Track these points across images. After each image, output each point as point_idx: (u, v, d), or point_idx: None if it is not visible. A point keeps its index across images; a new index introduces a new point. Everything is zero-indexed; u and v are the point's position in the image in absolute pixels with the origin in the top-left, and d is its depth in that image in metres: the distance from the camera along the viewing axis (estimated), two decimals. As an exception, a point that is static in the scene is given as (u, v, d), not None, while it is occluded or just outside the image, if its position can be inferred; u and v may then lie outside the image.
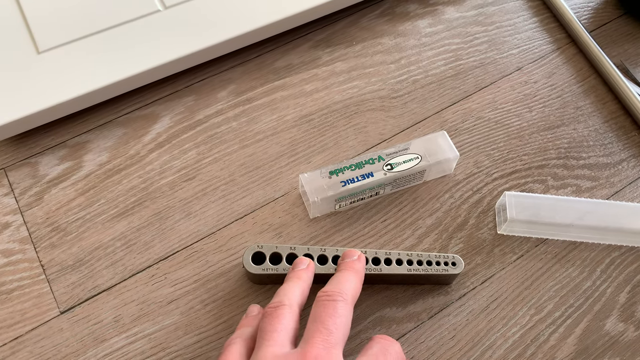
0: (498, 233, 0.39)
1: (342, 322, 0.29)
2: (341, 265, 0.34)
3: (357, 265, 0.34)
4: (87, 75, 0.42)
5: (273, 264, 0.35)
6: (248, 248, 0.35)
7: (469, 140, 0.43)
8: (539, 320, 0.37)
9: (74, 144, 0.42)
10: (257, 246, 0.36)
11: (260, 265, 0.35)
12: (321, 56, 0.47)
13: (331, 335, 0.28)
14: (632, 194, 0.42)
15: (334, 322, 0.29)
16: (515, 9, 0.51)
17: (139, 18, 0.45)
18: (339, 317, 0.29)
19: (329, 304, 0.30)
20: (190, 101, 0.44)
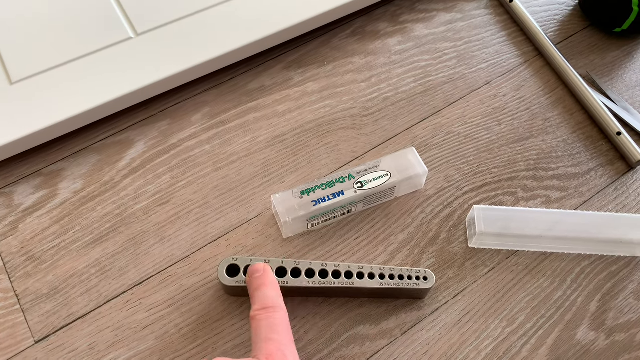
0: (469, 246, 0.40)
1: (286, 329, 0.31)
2: (254, 283, 0.34)
3: (268, 276, 0.34)
4: (61, 104, 0.42)
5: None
6: (223, 260, 0.36)
7: (439, 155, 0.44)
8: (511, 332, 0.37)
9: (48, 172, 0.42)
10: (232, 259, 0.36)
11: (235, 278, 0.36)
12: (293, 77, 0.48)
13: (281, 344, 0.30)
14: (601, 202, 0.42)
15: (280, 330, 0.31)
16: (484, 24, 0.52)
17: (112, 46, 0.46)
18: (283, 325, 0.31)
19: (268, 317, 0.32)
20: (164, 125, 0.45)
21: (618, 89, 0.48)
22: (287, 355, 0.29)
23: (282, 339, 0.30)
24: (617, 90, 0.48)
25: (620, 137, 0.44)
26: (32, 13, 0.47)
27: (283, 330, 0.31)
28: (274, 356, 0.29)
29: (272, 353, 0.29)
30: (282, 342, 0.30)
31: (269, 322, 0.31)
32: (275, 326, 0.31)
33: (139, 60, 0.45)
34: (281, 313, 0.32)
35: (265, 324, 0.31)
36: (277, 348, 0.30)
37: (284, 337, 0.31)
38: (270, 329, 0.31)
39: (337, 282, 0.36)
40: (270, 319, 0.31)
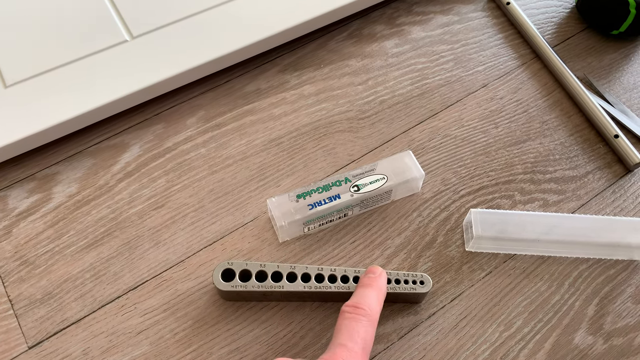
0: (466, 250, 0.40)
1: (364, 339, 0.30)
2: (364, 281, 0.34)
3: (380, 281, 0.34)
4: (56, 107, 0.42)
5: (243, 281, 0.35)
6: (218, 265, 0.36)
7: (436, 158, 0.44)
8: (508, 337, 0.37)
9: (43, 176, 0.42)
10: (227, 263, 0.36)
11: (230, 282, 0.35)
12: (289, 80, 0.48)
13: (352, 352, 0.29)
14: (598, 206, 0.42)
15: (357, 338, 0.30)
16: (481, 26, 0.52)
17: (107, 49, 0.45)
18: (363, 333, 0.30)
19: (353, 319, 0.31)
20: (160, 129, 0.45)
21: (615, 91, 0.48)
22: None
23: (355, 348, 0.29)
24: (615, 92, 0.48)
25: (618, 139, 0.44)
26: (26, 16, 0.47)
27: (361, 339, 0.30)
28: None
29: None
30: (353, 351, 0.29)
31: (352, 325, 0.30)
32: (355, 332, 0.30)
33: (134, 63, 0.45)
34: (368, 320, 0.31)
35: (347, 324, 0.30)
36: (345, 357, 0.29)
37: (358, 347, 0.29)
38: (349, 334, 0.30)
39: (334, 287, 0.36)
40: (354, 322, 0.30)
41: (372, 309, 0.32)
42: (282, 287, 0.35)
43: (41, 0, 0.48)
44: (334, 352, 0.29)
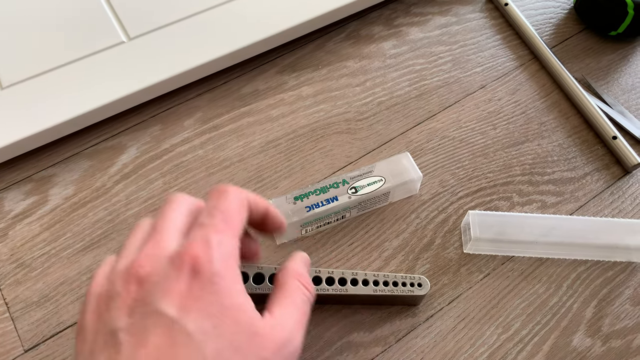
0: (464, 252, 0.40)
1: (176, 213, 0.27)
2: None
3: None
4: (52, 109, 0.42)
5: None
6: None
7: (434, 160, 0.44)
8: (506, 339, 0.37)
9: (39, 178, 0.42)
10: None
11: None
12: (287, 81, 0.48)
13: (164, 224, 0.26)
14: (597, 207, 0.42)
15: (168, 214, 0.27)
16: (479, 27, 0.51)
17: (104, 50, 0.45)
18: (177, 206, 0.27)
19: (217, 193, 0.27)
20: (157, 130, 0.44)
21: (614, 92, 0.48)
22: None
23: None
24: (613, 94, 0.48)
25: (616, 141, 0.44)
26: (22, 17, 0.47)
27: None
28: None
29: None
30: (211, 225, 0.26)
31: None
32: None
33: (131, 65, 0.45)
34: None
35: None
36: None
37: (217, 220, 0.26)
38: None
39: (331, 289, 0.36)
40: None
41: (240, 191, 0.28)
42: (280, 289, 0.35)
43: (37, 2, 0.47)
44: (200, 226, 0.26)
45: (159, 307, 0.23)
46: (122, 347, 0.23)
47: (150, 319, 0.23)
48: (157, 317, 0.23)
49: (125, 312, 0.24)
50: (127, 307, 0.24)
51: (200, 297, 0.23)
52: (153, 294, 0.24)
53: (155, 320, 0.23)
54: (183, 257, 0.24)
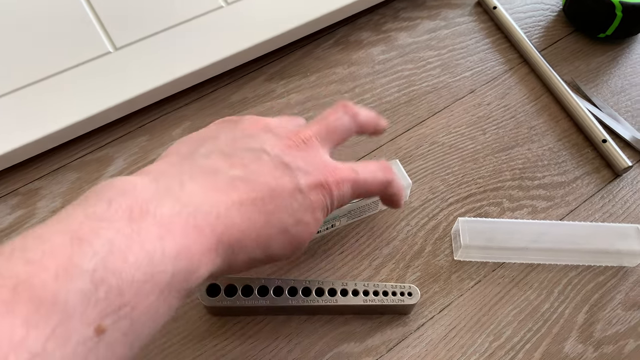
0: (455, 259, 0.39)
1: (340, 128, 0.32)
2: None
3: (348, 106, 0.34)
4: (38, 121, 0.42)
5: (228, 296, 0.35)
6: None
7: (423, 166, 0.43)
8: (498, 347, 0.36)
9: (26, 191, 0.41)
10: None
11: (216, 298, 0.35)
12: (276, 89, 0.47)
13: (327, 133, 0.31)
14: (587, 211, 0.42)
15: (335, 124, 0.32)
16: (468, 31, 0.51)
17: (90, 60, 0.45)
18: (342, 122, 0.32)
19: (337, 110, 0.33)
20: (144, 141, 0.44)
21: (603, 95, 0.48)
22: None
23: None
24: (602, 96, 0.48)
25: (606, 144, 0.44)
26: (7, 28, 0.46)
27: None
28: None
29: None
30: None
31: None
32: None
33: (117, 75, 0.44)
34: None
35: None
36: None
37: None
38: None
39: (321, 300, 0.35)
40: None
41: (359, 110, 0.34)
42: (269, 301, 0.35)
43: (22, 13, 0.47)
44: (310, 126, 0.32)
45: (297, 175, 0.29)
46: (262, 163, 0.28)
47: (287, 172, 0.28)
48: (293, 177, 0.28)
49: (278, 150, 0.29)
50: (280, 149, 0.29)
51: (316, 201, 0.29)
52: (300, 164, 0.29)
53: (290, 178, 0.28)
54: (329, 174, 0.30)
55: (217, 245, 0.25)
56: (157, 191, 0.24)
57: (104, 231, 0.22)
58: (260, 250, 0.27)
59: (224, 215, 0.25)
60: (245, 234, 0.26)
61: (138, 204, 0.23)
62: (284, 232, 0.28)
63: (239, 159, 0.28)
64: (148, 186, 0.25)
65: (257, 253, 0.27)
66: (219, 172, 0.27)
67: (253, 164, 0.28)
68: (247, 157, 0.28)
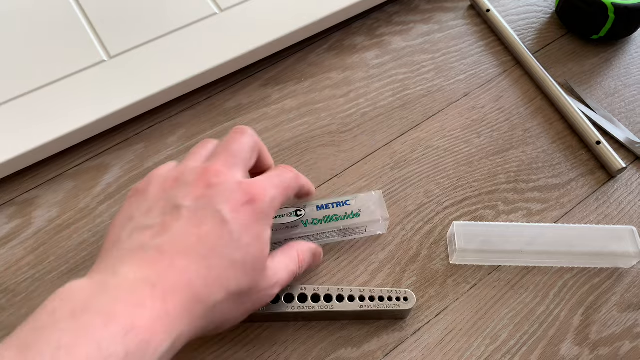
0: (450, 263, 0.40)
1: (244, 149, 0.33)
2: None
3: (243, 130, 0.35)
4: (34, 130, 0.42)
5: None
6: None
7: (418, 170, 0.44)
8: (494, 350, 0.36)
9: (22, 200, 0.42)
10: None
11: None
12: (270, 94, 0.47)
13: (234, 158, 0.32)
14: (582, 213, 0.42)
15: (238, 147, 0.33)
16: (461, 35, 0.51)
17: (85, 69, 0.45)
18: (243, 144, 0.33)
19: (236, 134, 0.34)
20: (140, 149, 0.44)
21: (597, 96, 0.48)
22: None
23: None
24: (596, 98, 0.48)
25: (600, 146, 0.44)
26: (0, 39, 0.46)
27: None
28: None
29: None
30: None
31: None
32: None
33: (112, 84, 0.44)
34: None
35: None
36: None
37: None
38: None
39: (317, 306, 0.35)
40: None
41: (252, 133, 0.35)
42: (265, 308, 0.35)
43: (15, 23, 0.47)
44: (215, 156, 0.33)
45: (220, 208, 0.29)
46: (181, 218, 0.29)
47: (209, 212, 0.29)
48: (215, 213, 0.29)
49: (192, 198, 0.30)
50: (194, 196, 0.30)
51: (249, 219, 0.29)
52: (217, 197, 0.30)
53: (213, 215, 0.29)
54: (247, 187, 0.30)
55: (169, 311, 0.25)
56: (93, 287, 0.26)
57: (49, 334, 0.23)
58: (223, 291, 0.28)
59: (163, 282, 0.26)
60: (193, 287, 0.27)
61: (79, 304, 0.24)
62: (234, 264, 0.29)
63: (159, 225, 0.29)
64: (85, 286, 0.26)
65: (221, 296, 0.28)
66: (145, 246, 0.28)
67: (174, 223, 0.29)
68: (167, 220, 0.29)
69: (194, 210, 0.29)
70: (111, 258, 0.28)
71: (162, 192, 0.31)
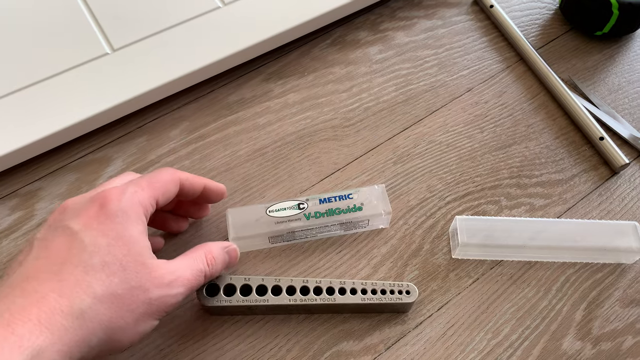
0: (453, 257, 0.39)
1: (157, 177, 0.33)
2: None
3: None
4: (37, 122, 0.42)
5: (227, 296, 0.35)
6: None
7: (421, 165, 0.43)
8: (496, 345, 0.36)
9: (25, 192, 0.42)
10: None
11: (214, 297, 0.35)
12: (273, 89, 0.47)
13: (140, 180, 0.32)
14: (585, 209, 0.42)
15: (147, 177, 0.33)
16: (465, 30, 0.51)
17: (88, 62, 0.45)
18: (150, 174, 0.33)
19: (155, 170, 0.34)
20: (143, 142, 0.44)
21: (600, 92, 0.48)
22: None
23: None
24: (600, 94, 0.48)
25: (603, 142, 0.44)
26: (4, 30, 0.46)
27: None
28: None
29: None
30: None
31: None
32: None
33: (115, 76, 0.44)
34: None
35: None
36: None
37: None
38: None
39: (319, 299, 0.35)
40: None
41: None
42: (267, 300, 0.35)
43: (19, 15, 0.47)
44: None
45: (68, 223, 0.30)
46: (32, 249, 0.29)
47: (59, 231, 0.30)
48: (64, 229, 0.29)
49: (45, 228, 0.30)
50: (47, 225, 0.31)
51: (102, 222, 0.29)
52: (68, 215, 0.30)
53: (62, 232, 0.29)
54: (99, 194, 0.31)
55: (15, 331, 0.25)
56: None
57: None
58: (87, 296, 0.27)
59: (11, 309, 0.26)
60: (45, 302, 0.26)
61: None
62: (92, 268, 0.28)
63: (16, 264, 0.29)
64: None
65: (87, 301, 0.27)
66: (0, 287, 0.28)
67: (27, 256, 0.29)
68: (22, 257, 0.29)
69: (43, 236, 0.30)
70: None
71: (29, 238, 0.32)
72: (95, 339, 0.28)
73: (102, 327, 0.28)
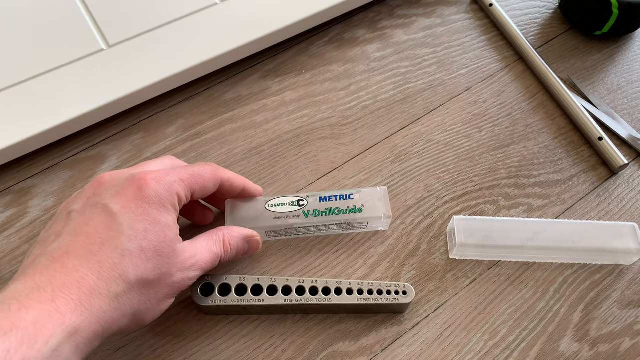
0: (450, 258, 0.39)
1: (200, 173, 0.33)
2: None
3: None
4: (31, 118, 0.41)
5: (222, 295, 0.35)
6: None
7: (419, 164, 0.43)
8: (493, 346, 0.36)
9: (18, 189, 0.41)
10: (206, 277, 0.35)
11: (209, 297, 0.35)
12: (270, 86, 0.47)
13: (182, 171, 0.33)
14: (583, 210, 0.42)
15: (189, 170, 0.33)
16: (464, 29, 0.51)
17: (83, 58, 0.44)
18: (194, 167, 0.34)
19: (202, 162, 0.35)
20: (138, 139, 0.44)
21: (599, 92, 0.48)
22: None
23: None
24: (599, 94, 0.48)
25: (602, 142, 0.44)
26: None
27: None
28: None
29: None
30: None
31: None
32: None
33: (111, 73, 0.44)
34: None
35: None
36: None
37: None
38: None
39: (315, 299, 0.35)
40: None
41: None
42: (263, 300, 0.35)
43: (13, 11, 0.47)
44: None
45: (107, 202, 0.30)
46: (70, 221, 0.30)
47: (98, 208, 0.30)
48: (104, 208, 0.30)
49: (82, 200, 0.31)
50: (85, 198, 0.31)
51: (140, 206, 0.30)
52: (106, 192, 0.31)
53: (102, 210, 0.30)
54: (139, 175, 0.31)
55: (58, 308, 0.26)
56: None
57: None
58: (121, 282, 0.28)
59: (53, 284, 0.26)
60: (85, 283, 0.27)
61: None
62: (129, 253, 0.29)
63: (54, 234, 0.30)
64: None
65: (121, 287, 0.28)
66: (38, 258, 0.28)
67: (65, 229, 0.30)
68: (59, 227, 0.30)
69: (82, 211, 0.30)
70: (11, 281, 0.28)
71: (63, 207, 0.32)
72: (125, 320, 0.29)
73: (133, 310, 0.29)
